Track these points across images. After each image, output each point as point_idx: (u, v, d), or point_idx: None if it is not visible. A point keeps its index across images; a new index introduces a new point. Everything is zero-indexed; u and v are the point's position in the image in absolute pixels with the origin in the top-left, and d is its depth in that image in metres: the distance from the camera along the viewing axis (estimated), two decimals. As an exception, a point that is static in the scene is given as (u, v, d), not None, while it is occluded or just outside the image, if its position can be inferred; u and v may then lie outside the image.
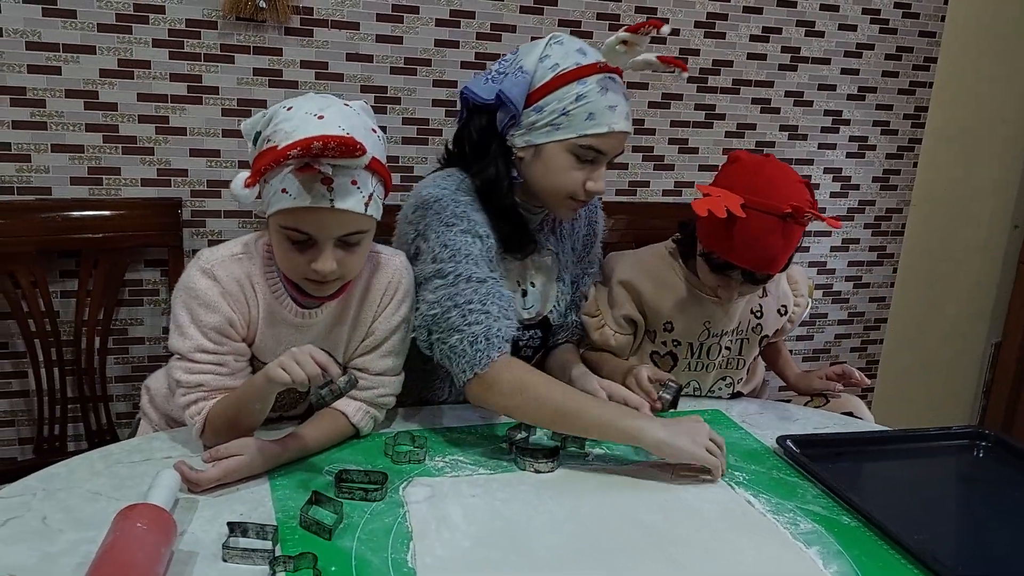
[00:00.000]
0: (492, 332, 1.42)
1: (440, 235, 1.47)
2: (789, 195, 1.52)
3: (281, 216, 1.27)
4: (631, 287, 1.72)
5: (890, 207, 2.71)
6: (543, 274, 1.68)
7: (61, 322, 1.98)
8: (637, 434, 1.38)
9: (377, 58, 2.10)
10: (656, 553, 1.20)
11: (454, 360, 1.43)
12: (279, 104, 1.31)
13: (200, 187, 2.06)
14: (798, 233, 1.54)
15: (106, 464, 1.33)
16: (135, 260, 2.05)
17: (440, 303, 1.43)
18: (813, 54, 2.48)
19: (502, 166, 1.55)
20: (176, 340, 1.35)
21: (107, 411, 2.04)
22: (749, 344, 1.77)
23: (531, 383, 1.42)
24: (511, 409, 1.43)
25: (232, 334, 1.36)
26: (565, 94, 1.48)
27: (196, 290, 1.33)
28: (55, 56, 1.90)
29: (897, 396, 2.92)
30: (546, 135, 1.50)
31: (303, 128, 1.23)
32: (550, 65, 1.50)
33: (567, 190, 1.53)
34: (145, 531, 1.04)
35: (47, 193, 1.97)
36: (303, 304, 1.40)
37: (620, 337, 1.74)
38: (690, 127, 2.41)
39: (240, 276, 1.36)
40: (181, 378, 1.34)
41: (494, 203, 1.55)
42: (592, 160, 1.52)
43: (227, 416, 1.33)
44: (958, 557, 1.23)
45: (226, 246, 1.39)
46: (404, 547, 1.16)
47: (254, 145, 1.32)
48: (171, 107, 2.00)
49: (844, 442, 1.59)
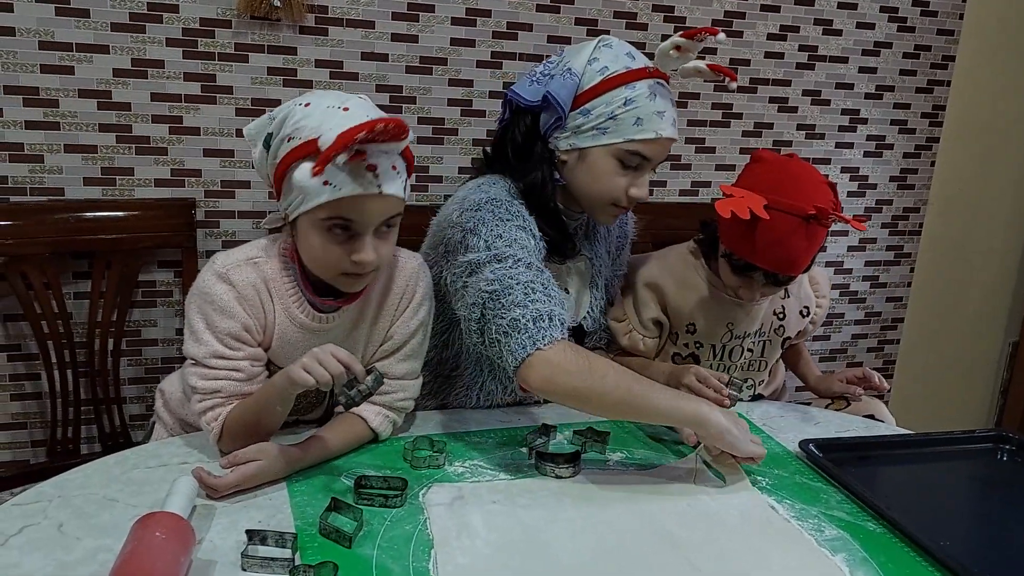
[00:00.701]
0: (555, 314, 1.35)
1: (494, 228, 1.43)
2: (814, 196, 1.50)
3: (323, 209, 1.25)
4: (656, 288, 1.70)
5: (907, 206, 2.69)
6: (577, 280, 1.66)
7: (74, 324, 1.96)
8: (703, 419, 1.32)
9: (392, 57, 2.09)
10: (678, 561, 1.18)
11: (512, 337, 1.33)
12: (290, 104, 1.29)
13: (214, 187, 2.05)
14: (821, 235, 1.52)
15: (122, 470, 1.32)
16: (148, 261, 2.03)
17: (500, 280, 1.37)
18: (831, 52, 2.45)
19: (546, 169, 1.52)
20: (191, 346, 1.33)
21: (120, 413, 2.03)
22: (771, 346, 1.75)
23: (599, 364, 1.33)
24: (579, 390, 1.32)
25: (248, 339, 1.35)
26: (613, 98, 1.46)
27: (211, 295, 1.32)
28: (68, 56, 1.88)
29: (914, 396, 2.89)
30: (592, 139, 1.48)
31: (330, 121, 1.23)
32: (599, 68, 1.48)
33: (610, 196, 1.52)
34: (164, 540, 1.03)
35: (60, 194, 1.96)
36: (321, 308, 1.38)
37: (648, 341, 1.72)
38: (707, 126, 2.39)
39: (256, 281, 1.34)
40: (197, 384, 1.33)
41: (537, 207, 1.53)
42: (637, 166, 1.50)
43: (245, 420, 1.32)
44: (984, 563, 1.20)
45: (241, 250, 1.37)
46: (425, 555, 1.14)
47: (264, 148, 1.31)
48: (185, 107, 1.98)
49: (867, 446, 1.57)
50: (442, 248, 1.50)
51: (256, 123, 1.33)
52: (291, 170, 1.26)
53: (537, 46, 2.17)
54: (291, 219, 1.30)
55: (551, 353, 1.32)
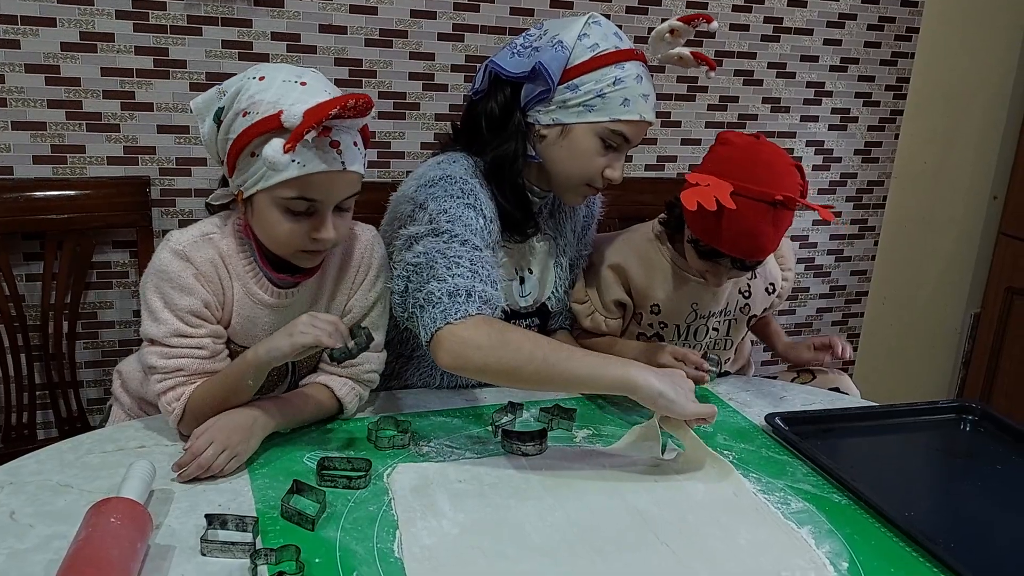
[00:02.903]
0: (476, 290, 1.32)
1: (442, 203, 1.40)
2: (782, 181, 1.47)
3: (285, 187, 1.22)
4: (620, 270, 1.68)
5: (871, 180, 2.70)
6: (541, 259, 1.64)
7: (27, 306, 1.91)
8: (631, 383, 1.27)
9: (351, 29, 2.04)
10: (647, 535, 1.17)
11: (426, 309, 1.31)
12: (240, 78, 1.26)
13: (169, 165, 2.00)
14: (788, 219, 1.50)
15: (77, 455, 1.28)
16: (102, 241, 1.99)
17: (427, 253, 1.35)
18: (796, 24, 2.44)
19: (520, 142, 1.49)
20: (149, 326, 1.30)
21: (77, 397, 1.98)
22: (736, 325, 1.74)
23: (513, 337, 1.30)
24: (489, 365, 1.29)
25: (208, 316, 1.31)
26: (603, 76, 1.44)
27: (169, 272, 1.28)
28: (13, 29, 1.82)
29: (878, 368, 2.92)
30: (577, 115, 1.46)
31: (288, 95, 1.21)
32: (589, 44, 1.45)
33: (587, 175, 1.50)
34: (119, 526, 1.00)
35: (8, 173, 1.90)
36: (279, 284, 1.35)
37: (611, 322, 1.70)
38: (673, 100, 2.37)
39: (214, 257, 1.31)
40: (157, 363, 1.29)
41: (502, 181, 1.50)
42: (616, 147, 1.48)
43: (213, 396, 1.29)
44: (948, 533, 1.21)
45: (196, 227, 1.34)
46: (390, 536, 1.12)
47: (215, 123, 1.27)
48: (137, 82, 1.93)
49: (832, 418, 1.57)
50: (396, 223, 1.47)
51: (204, 97, 1.29)
52: (251, 146, 1.22)
53: (500, 18, 2.14)
54: (246, 196, 1.27)
55: (461, 328, 1.29)
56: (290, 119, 1.17)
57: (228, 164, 1.27)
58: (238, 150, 1.24)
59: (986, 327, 2.93)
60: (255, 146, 1.22)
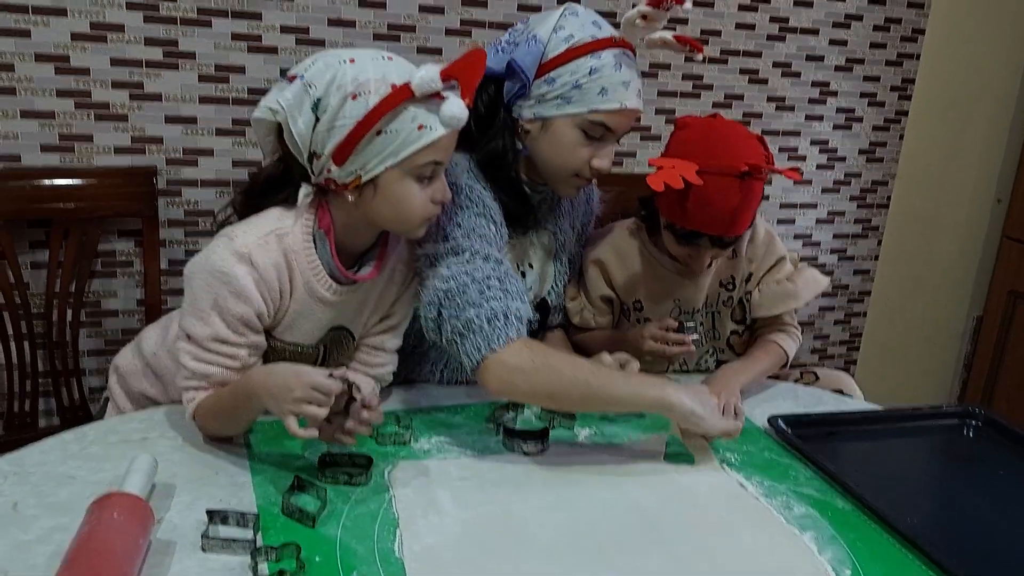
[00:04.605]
0: (511, 311, 1.33)
1: (454, 216, 1.40)
2: (744, 152, 1.49)
3: (427, 151, 1.23)
4: (601, 265, 1.70)
5: (876, 179, 2.69)
6: (541, 254, 1.64)
7: (31, 294, 1.92)
8: (668, 404, 1.32)
9: (360, 23, 2.04)
10: (649, 535, 1.17)
11: (467, 337, 1.31)
12: (324, 65, 1.22)
13: (176, 155, 2.00)
14: (759, 189, 1.52)
15: (80, 446, 1.29)
16: (108, 231, 1.99)
17: (456, 278, 1.34)
18: (801, 24, 2.44)
19: (508, 137, 1.49)
20: (192, 323, 1.26)
21: (80, 386, 1.99)
22: (721, 317, 1.74)
23: (555, 361, 1.33)
24: (538, 389, 1.32)
25: (257, 326, 1.29)
26: (579, 67, 1.43)
27: (229, 276, 1.24)
28: (24, 19, 1.82)
29: (880, 369, 2.92)
30: (556, 108, 1.45)
31: (393, 69, 1.22)
32: (564, 36, 1.44)
33: (573, 167, 1.49)
34: (122, 521, 1.01)
35: (16, 161, 1.90)
36: (341, 280, 1.34)
37: (600, 319, 1.72)
38: (677, 97, 2.37)
39: (278, 258, 1.28)
40: (188, 364, 1.27)
41: (497, 177, 1.50)
42: (600, 137, 1.47)
43: (217, 411, 1.28)
44: (952, 540, 1.22)
45: (261, 223, 1.29)
46: (391, 535, 1.12)
47: (313, 114, 1.22)
48: (146, 72, 1.93)
49: (835, 421, 1.57)
50: None
51: (285, 95, 1.23)
52: (379, 124, 1.19)
53: (507, 14, 2.14)
54: (366, 179, 1.24)
55: (506, 355, 1.30)
56: (423, 86, 1.18)
57: (340, 152, 1.22)
58: (360, 133, 1.20)
59: (988, 330, 2.93)
60: (384, 123, 1.20)
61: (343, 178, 1.24)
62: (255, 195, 1.33)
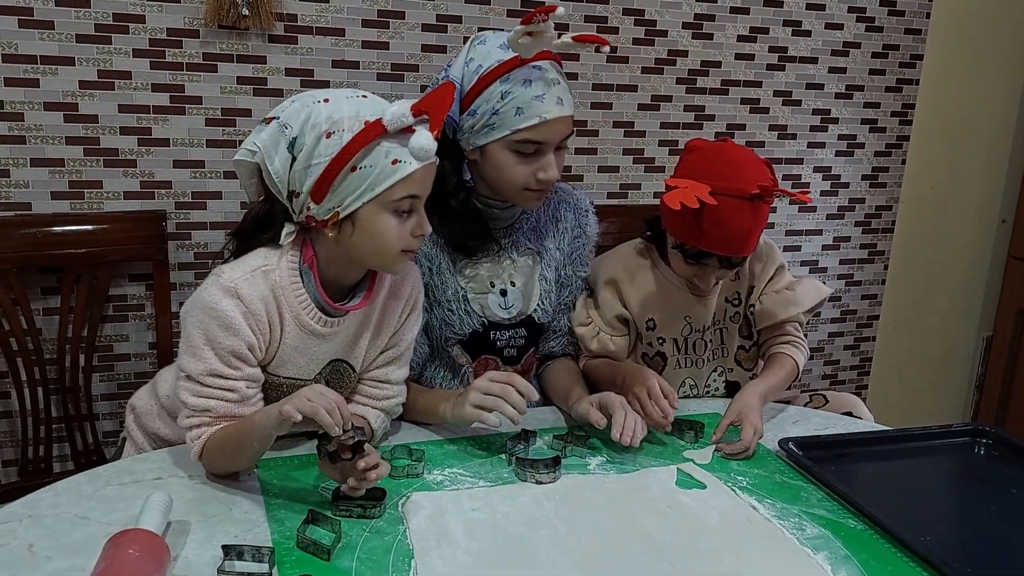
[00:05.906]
0: None
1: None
2: (754, 176, 1.53)
3: (401, 186, 1.25)
4: (614, 284, 1.72)
5: (880, 204, 2.70)
6: (524, 273, 1.67)
7: (44, 340, 1.93)
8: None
9: (363, 64, 2.07)
10: (662, 565, 1.17)
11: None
12: (300, 105, 1.26)
13: (185, 199, 2.03)
14: (766, 212, 1.56)
15: (94, 487, 1.29)
16: (119, 275, 2.01)
17: None
18: (800, 53, 2.46)
19: (451, 168, 1.54)
20: (188, 360, 1.29)
21: (93, 430, 1.99)
22: (729, 333, 1.76)
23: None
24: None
25: (249, 358, 1.31)
26: (491, 94, 1.48)
27: (218, 311, 1.27)
28: (33, 68, 1.86)
29: (891, 392, 2.91)
30: (484, 136, 1.51)
31: (367, 106, 1.25)
32: (474, 68, 1.50)
33: (519, 183, 1.54)
34: (137, 558, 1.01)
35: (27, 208, 1.93)
36: (330, 313, 1.36)
37: (618, 340, 1.71)
38: (680, 128, 2.39)
39: (265, 293, 1.31)
40: (188, 400, 1.29)
41: (450, 205, 1.55)
42: (535, 152, 1.51)
43: (224, 447, 1.28)
44: (964, 558, 1.21)
45: (248, 261, 1.32)
46: (405, 566, 1.13)
47: (289, 154, 1.26)
48: (153, 118, 1.96)
49: (846, 443, 1.58)
50: None
51: (262, 137, 1.27)
52: (353, 160, 1.22)
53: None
54: (344, 215, 1.27)
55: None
56: (395, 121, 1.21)
57: (318, 190, 1.25)
58: (335, 170, 1.23)
59: (999, 350, 2.92)
60: (358, 159, 1.23)
61: (322, 215, 1.28)
62: (244, 236, 1.37)
